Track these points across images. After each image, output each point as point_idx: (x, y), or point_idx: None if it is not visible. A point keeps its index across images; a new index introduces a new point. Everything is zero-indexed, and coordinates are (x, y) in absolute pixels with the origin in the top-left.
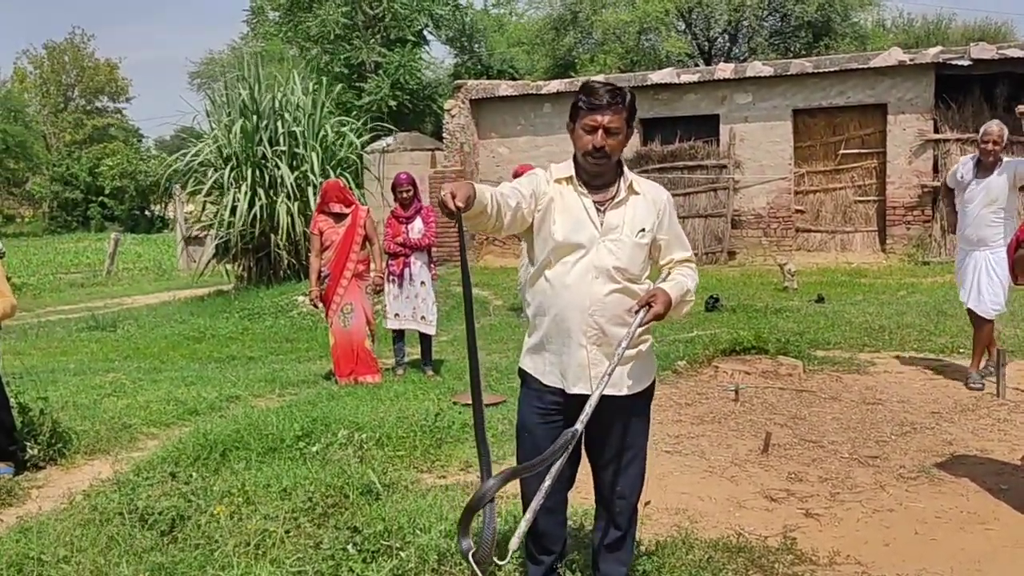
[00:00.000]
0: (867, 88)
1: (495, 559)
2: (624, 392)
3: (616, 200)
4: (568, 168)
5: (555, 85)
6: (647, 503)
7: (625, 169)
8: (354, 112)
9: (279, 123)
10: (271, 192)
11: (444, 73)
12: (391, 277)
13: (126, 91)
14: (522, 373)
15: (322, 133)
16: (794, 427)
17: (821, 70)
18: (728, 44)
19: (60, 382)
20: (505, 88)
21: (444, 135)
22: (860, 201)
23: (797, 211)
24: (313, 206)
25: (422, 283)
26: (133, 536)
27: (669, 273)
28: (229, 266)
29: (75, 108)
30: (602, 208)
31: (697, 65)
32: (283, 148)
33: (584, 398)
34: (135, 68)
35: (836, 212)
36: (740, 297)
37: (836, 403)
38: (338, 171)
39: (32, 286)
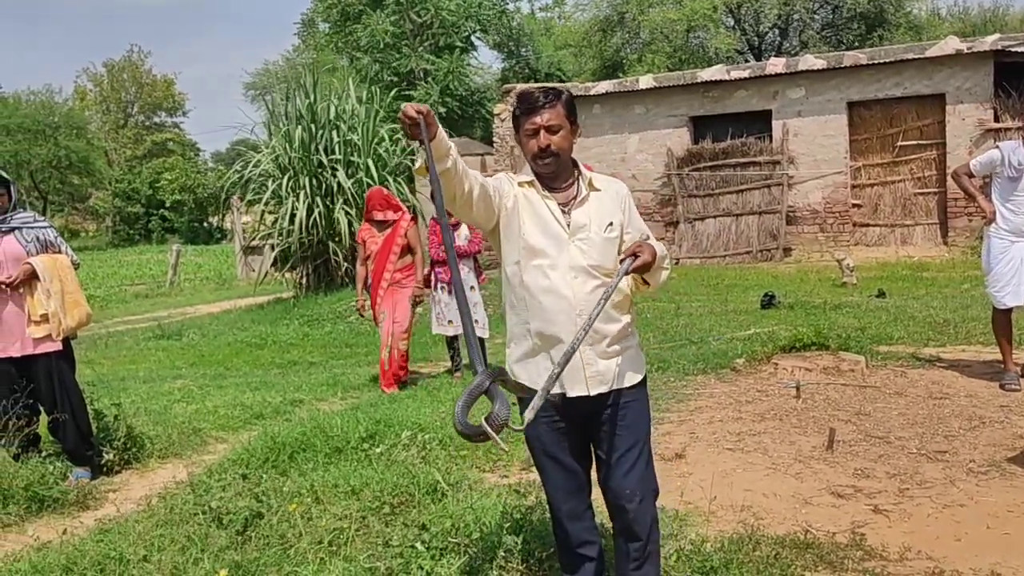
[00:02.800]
0: (924, 78)
1: (510, 425)
2: (615, 386)
3: (579, 199)
4: (529, 173)
5: (603, 86)
6: (712, 499)
7: (582, 167)
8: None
9: (335, 132)
10: (328, 200)
11: (492, 78)
12: (439, 284)
13: (183, 106)
14: (520, 386)
15: (376, 140)
16: (858, 423)
17: (876, 61)
18: (779, 38)
19: (131, 389)
20: None
21: (494, 139)
22: (920, 193)
23: (854, 205)
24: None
25: (471, 288)
26: (209, 535)
27: None
28: (288, 274)
29: (135, 124)
30: (567, 209)
31: (747, 61)
32: (339, 156)
33: (583, 400)
34: (190, 83)
35: (895, 205)
36: (797, 294)
37: (901, 398)
38: (393, 177)
39: (99, 298)
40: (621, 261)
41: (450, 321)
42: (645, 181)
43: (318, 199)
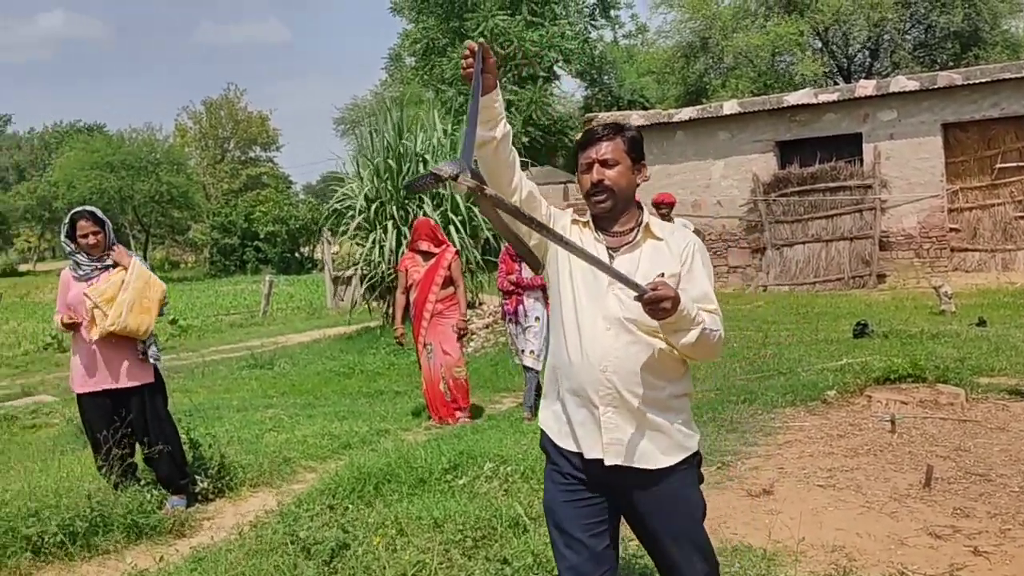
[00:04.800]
0: (1023, 98)
1: (460, 180)
2: (642, 465)
3: (630, 244)
4: (587, 214)
5: (687, 113)
6: (802, 539)
7: (645, 213)
8: None
9: (421, 163)
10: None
11: (575, 106)
12: (507, 316)
13: (276, 140)
14: (542, 434)
15: None
16: (958, 459)
17: (972, 81)
18: (868, 60)
19: (225, 418)
20: (636, 118)
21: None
22: (1021, 217)
23: (952, 230)
24: (457, 243)
25: (536, 318)
26: (298, 566)
27: None
28: (375, 304)
29: (231, 159)
30: (615, 254)
31: (835, 83)
32: None
33: (604, 468)
34: (283, 118)
35: (995, 229)
36: (892, 322)
37: (1004, 433)
38: (478, 207)
39: (197, 327)
40: (636, 288)
41: (521, 351)
42: (730, 207)
43: (405, 230)
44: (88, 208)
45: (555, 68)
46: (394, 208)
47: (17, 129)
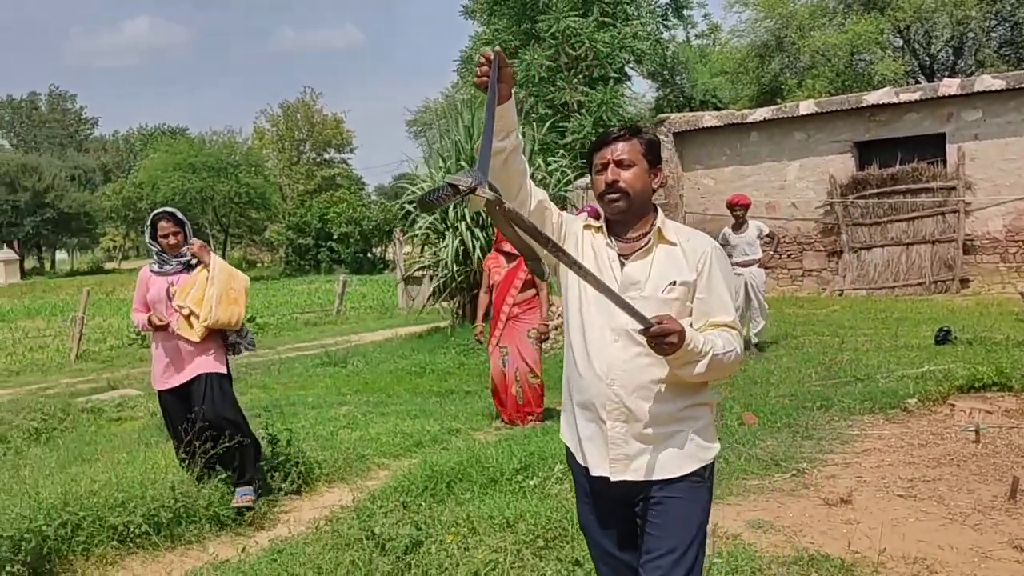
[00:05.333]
0: None
1: (479, 191)
2: (650, 477)
3: (641, 250)
4: (600, 220)
5: (761, 113)
6: (882, 550)
7: (660, 217)
8: (558, 151)
9: None
10: (484, 231)
11: (646, 107)
12: None
13: (350, 142)
14: (566, 447)
15: (533, 170)
16: None
17: None
18: (952, 58)
19: (301, 414)
20: (709, 119)
21: None
22: None
23: None
24: None
25: None
26: (372, 561)
27: None
28: (446, 303)
29: (306, 161)
30: (626, 260)
31: (917, 82)
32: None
33: (610, 483)
34: (357, 121)
35: None
36: (976, 329)
37: None
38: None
39: (273, 325)
40: (641, 320)
41: None
42: (805, 209)
43: (477, 230)
44: (168, 209)
45: (626, 69)
46: (465, 209)
47: (104, 132)
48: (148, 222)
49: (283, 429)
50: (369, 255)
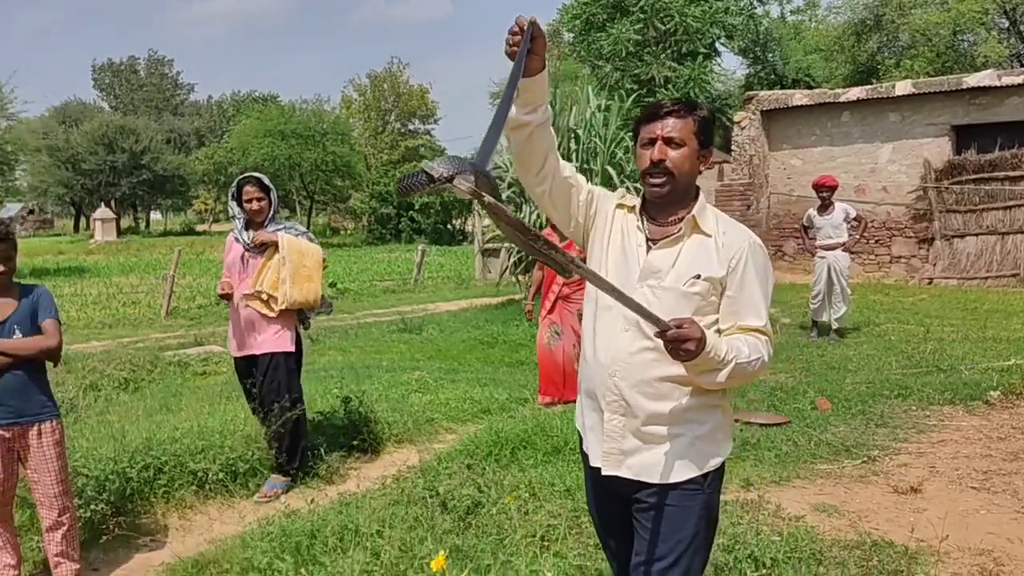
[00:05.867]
0: None
1: (454, 182)
2: (646, 478)
3: (670, 238)
4: (636, 198)
5: (855, 92)
6: (945, 537)
7: (700, 203)
8: None
9: (573, 139)
10: None
11: (735, 84)
12: None
13: (435, 113)
14: (578, 433)
15: (613, 148)
16: None
17: None
18: None
19: (375, 377)
20: (800, 97)
21: (732, 148)
22: None
23: None
24: None
25: None
26: (434, 518)
27: None
28: (522, 277)
29: (391, 131)
30: (653, 245)
31: (1023, 66)
32: (576, 164)
33: (608, 477)
34: (442, 91)
35: None
36: None
37: None
38: (624, 185)
39: (353, 291)
40: (656, 323)
41: None
42: (897, 194)
43: None
44: (255, 174)
45: (717, 44)
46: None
47: (199, 97)
48: (234, 186)
49: (357, 391)
50: (449, 226)
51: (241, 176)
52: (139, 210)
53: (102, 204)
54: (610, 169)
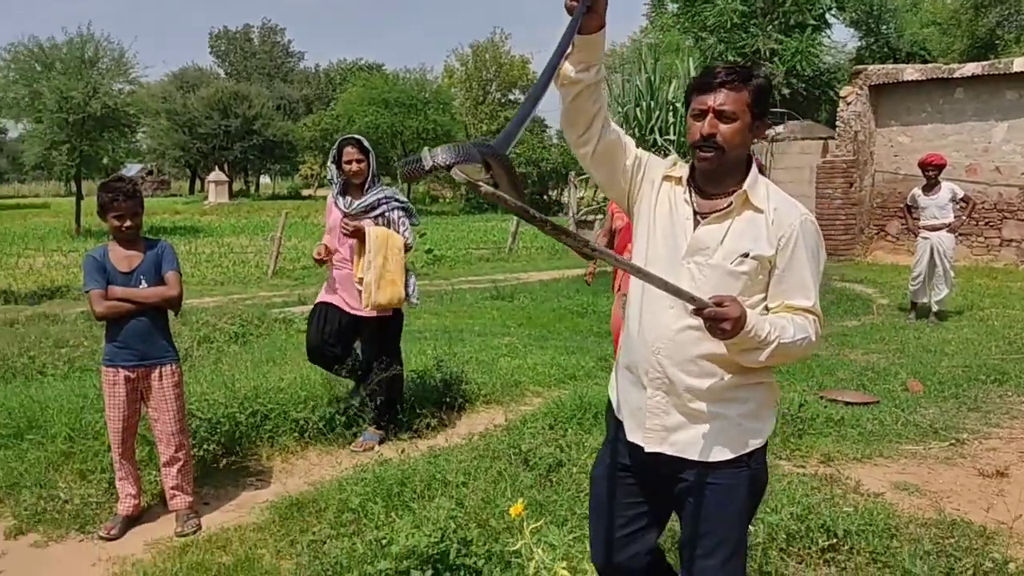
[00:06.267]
0: None
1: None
2: (690, 456)
3: (719, 212)
4: (684, 168)
5: (970, 68)
6: (1018, 517)
7: (753, 175)
8: None
9: (671, 112)
10: None
11: (845, 57)
12: None
13: None
14: (608, 400)
15: None
16: None
17: None
18: None
19: (467, 341)
20: (911, 72)
21: (837, 123)
22: None
23: None
24: None
25: None
26: (517, 474)
27: None
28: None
29: (491, 101)
30: (701, 220)
31: None
32: (672, 137)
33: (646, 453)
34: (543, 63)
35: None
36: None
37: None
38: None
39: (449, 258)
40: (691, 300)
41: None
42: (1010, 175)
43: None
44: (355, 136)
45: (827, 16)
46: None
47: (307, 65)
48: (334, 147)
49: (450, 352)
50: (545, 197)
51: (342, 137)
52: (250, 174)
53: (216, 167)
54: None
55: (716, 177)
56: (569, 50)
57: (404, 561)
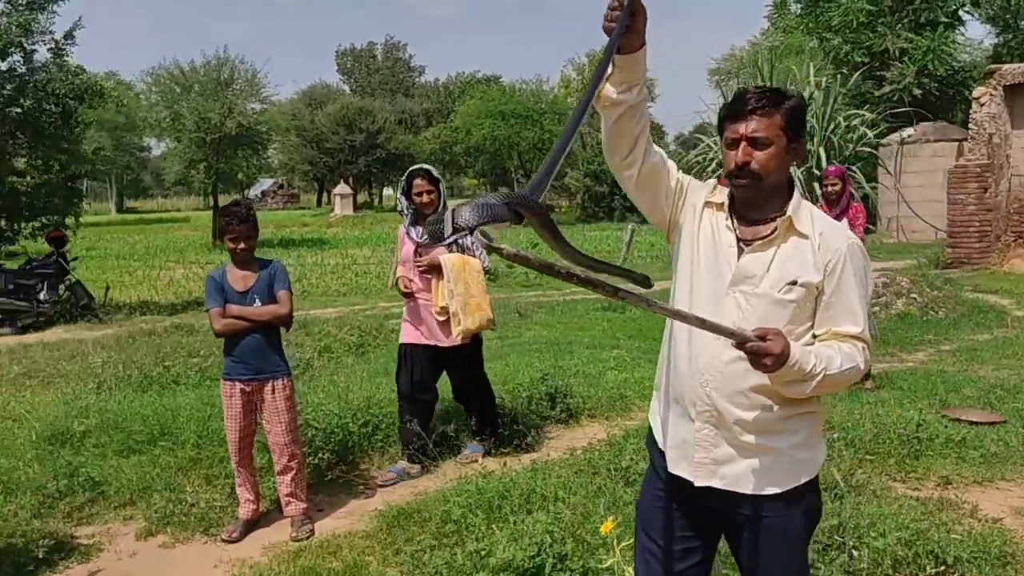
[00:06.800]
0: None
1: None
2: (740, 489)
3: (764, 240)
4: (724, 192)
5: None
6: None
7: (796, 199)
8: (872, 102)
9: None
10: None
11: (982, 55)
12: None
13: (652, 91)
14: (649, 430)
15: (832, 126)
16: None
17: None
18: None
19: (575, 353)
20: None
21: (970, 125)
22: None
23: None
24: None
25: None
26: (615, 489)
27: None
28: None
29: None
30: (746, 247)
31: None
32: None
33: (691, 488)
34: (663, 68)
35: None
36: None
37: None
38: (846, 165)
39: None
40: (731, 335)
41: None
42: None
43: None
44: (424, 166)
45: (960, 12)
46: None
47: (428, 79)
48: (403, 179)
49: (557, 365)
50: None
51: (411, 169)
52: (373, 186)
53: (341, 180)
54: (821, 151)
55: (756, 204)
56: (609, 71)
57: (501, 574)
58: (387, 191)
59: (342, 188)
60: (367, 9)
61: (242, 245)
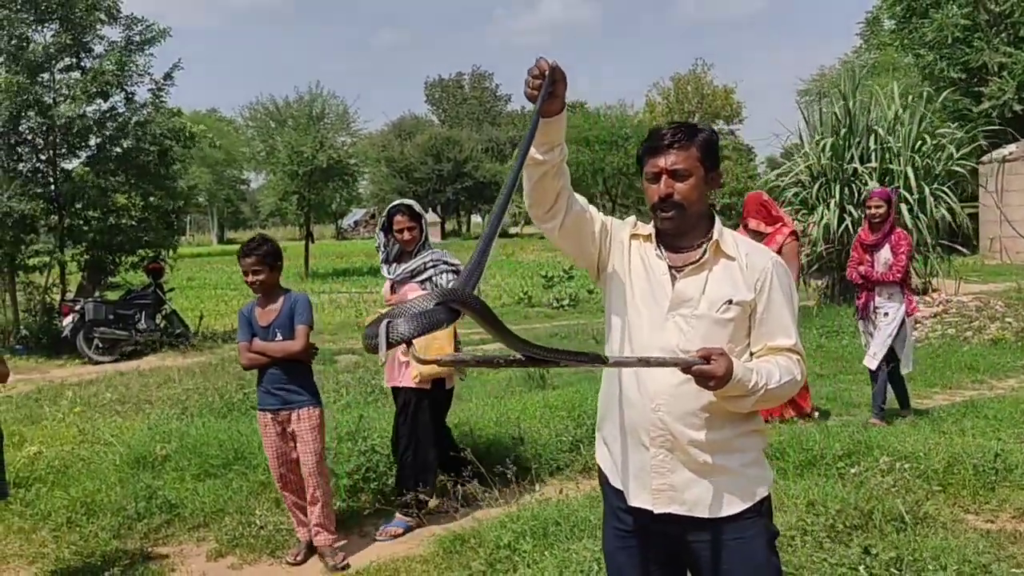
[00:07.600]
0: None
1: (410, 351)
2: (699, 513)
3: (695, 264)
4: (649, 226)
5: None
6: None
7: (717, 226)
8: (971, 119)
9: (871, 138)
10: (858, 208)
11: None
12: (856, 312)
13: (739, 113)
14: (599, 469)
15: (918, 144)
16: None
17: None
18: None
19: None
20: None
21: None
22: None
23: None
24: (910, 222)
25: (884, 314)
26: None
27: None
28: (813, 282)
29: None
30: (678, 274)
31: None
32: (874, 164)
33: (654, 517)
34: (752, 89)
35: None
36: None
37: None
38: (934, 185)
39: (596, 295)
40: (676, 364)
41: (874, 353)
42: None
43: (850, 207)
44: (406, 202)
45: None
46: (838, 187)
47: (514, 107)
48: (383, 215)
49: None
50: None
51: (393, 204)
52: (461, 214)
53: (430, 209)
54: (909, 171)
55: (682, 232)
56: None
57: None
58: (475, 218)
59: (430, 217)
60: (458, 39)
61: (250, 277)
